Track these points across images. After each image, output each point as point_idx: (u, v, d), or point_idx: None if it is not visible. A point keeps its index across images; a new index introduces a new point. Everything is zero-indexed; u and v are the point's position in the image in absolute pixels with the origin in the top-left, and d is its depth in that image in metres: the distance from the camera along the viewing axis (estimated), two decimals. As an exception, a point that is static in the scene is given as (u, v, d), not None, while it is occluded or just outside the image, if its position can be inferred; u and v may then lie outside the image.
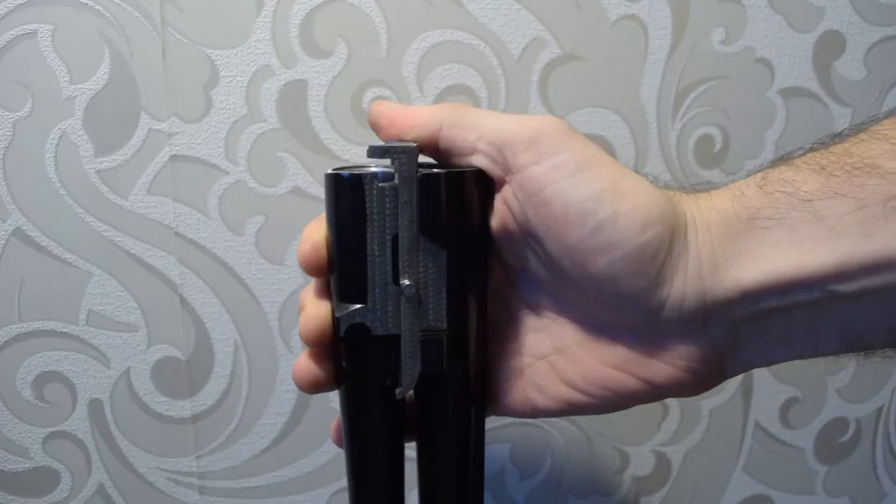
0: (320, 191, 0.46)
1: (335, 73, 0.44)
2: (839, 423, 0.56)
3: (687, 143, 0.49)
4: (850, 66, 0.50)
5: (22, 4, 0.41)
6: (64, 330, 0.46)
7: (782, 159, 0.24)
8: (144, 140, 0.44)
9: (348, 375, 0.28)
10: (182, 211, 0.45)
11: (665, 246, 0.24)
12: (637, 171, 0.25)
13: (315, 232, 0.27)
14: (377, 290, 0.26)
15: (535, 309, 0.29)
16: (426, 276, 0.26)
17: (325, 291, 0.28)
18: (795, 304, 0.23)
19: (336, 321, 0.27)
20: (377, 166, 0.27)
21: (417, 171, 0.25)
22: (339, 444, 0.30)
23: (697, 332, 0.24)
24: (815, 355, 0.25)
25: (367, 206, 0.26)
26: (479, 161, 0.26)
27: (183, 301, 0.46)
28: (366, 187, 0.26)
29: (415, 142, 0.27)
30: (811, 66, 0.49)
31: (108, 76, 0.43)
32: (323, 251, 0.27)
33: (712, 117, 0.49)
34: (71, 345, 0.46)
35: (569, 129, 0.25)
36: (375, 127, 0.28)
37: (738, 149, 0.50)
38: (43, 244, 0.44)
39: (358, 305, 0.26)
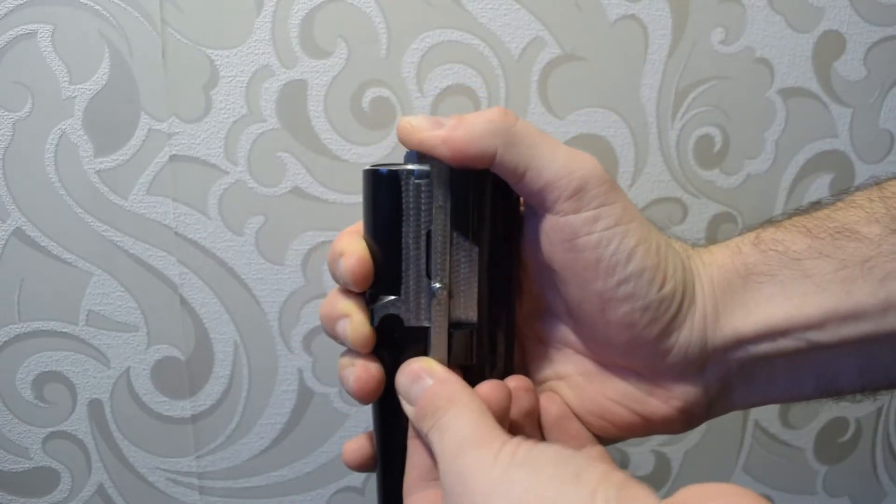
0: (320, 191, 0.46)
1: (335, 73, 0.44)
2: (839, 423, 0.56)
3: (687, 143, 0.49)
4: (849, 66, 0.50)
5: (22, 4, 0.41)
6: (64, 330, 0.46)
7: (769, 221, 0.28)
8: (144, 140, 0.44)
9: (382, 364, 0.28)
10: (182, 211, 0.45)
11: (678, 299, 0.26)
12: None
13: (354, 245, 0.27)
14: (411, 282, 0.27)
15: (543, 340, 0.30)
16: (458, 271, 0.27)
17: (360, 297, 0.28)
18: (781, 352, 0.26)
19: (371, 311, 0.28)
20: (412, 164, 0.27)
21: (451, 173, 0.26)
22: (355, 467, 0.29)
23: (695, 376, 0.27)
24: (791, 399, 0.28)
25: (403, 201, 0.26)
26: (521, 189, 0.26)
27: (183, 301, 0.46)
28: (402, 183, 0.26)
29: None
30: (811, 66, 0.49)
31: (108, 76, 0.43)
32: (370, 263, 0.27)
33: (712, 117, 0.49)
34: (71, 345, 0.46)
35: (611, 180, 0.27)
36: (423, 150, 0.27)
37: (738, 149, 0.50)
38: (43, 244, 0.44)
39: (392, 297, 0.27)
